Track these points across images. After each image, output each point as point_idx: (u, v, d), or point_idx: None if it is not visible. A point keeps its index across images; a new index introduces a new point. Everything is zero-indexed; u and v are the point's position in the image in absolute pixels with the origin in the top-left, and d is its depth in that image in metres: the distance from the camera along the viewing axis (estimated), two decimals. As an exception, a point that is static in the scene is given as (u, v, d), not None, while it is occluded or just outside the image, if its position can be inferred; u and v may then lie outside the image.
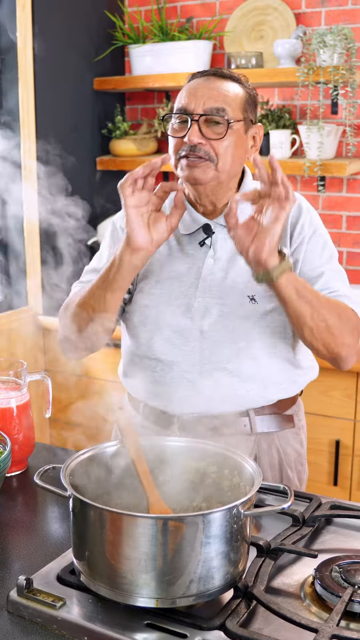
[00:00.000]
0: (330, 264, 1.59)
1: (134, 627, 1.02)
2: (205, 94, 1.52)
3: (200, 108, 1.51)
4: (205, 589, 1.03)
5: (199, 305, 1.58)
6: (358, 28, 2.87)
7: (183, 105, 1.53)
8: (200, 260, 1.61)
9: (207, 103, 1.51)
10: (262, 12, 3.05)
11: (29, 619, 1.07)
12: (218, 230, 1.61)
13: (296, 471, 1.70)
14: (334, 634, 0.97)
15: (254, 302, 1.56)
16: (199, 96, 1.52)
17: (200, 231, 1.62)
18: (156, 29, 3.14)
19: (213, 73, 1.56)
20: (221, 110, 1.51)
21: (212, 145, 1.51)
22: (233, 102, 1.53)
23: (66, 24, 3.06)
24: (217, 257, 1.60)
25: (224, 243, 1.60)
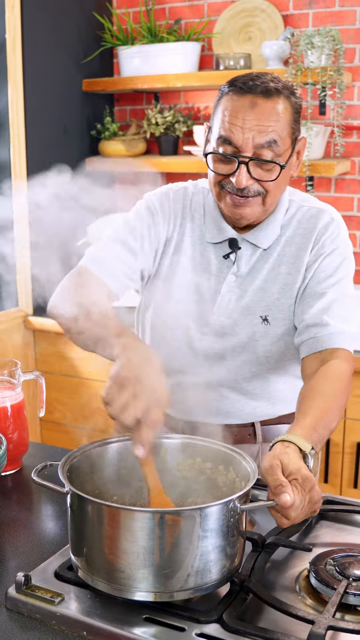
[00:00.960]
0: (339, 286, 1.50)
1: (132, 621, 1.03)
2: (254, 126, 1.39)
3: (249, 146, 1.40)
4: (202, 583, 1.04)
5: (214, 322, 1.55)
6: (345, 30, 2.90)
7: (227, 135, 1.41)
8: (222, 275, 1.56)
9: (256, 138, 1.40)
10: (250, 14, 3.07)
11: (27, 615, 1.08)
12: (245, 246, 1.55)
13: None
14: (330, 625, 0.98)
15: (266, 323, 1.54)
16: (247, 129, 1.39)
17: (226, 243, 1.56)
18: (145, 30, 3.15)
19: (261, 92, 1.39)
20: (272, 142, 1.40)
21: (262, 183, 1.43)
22: (283, 129, 1.42)
23: (55, 25, 3.07)
24: (239, 274, 1.55)
25: (248, 260, 1.55)
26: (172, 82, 3.05)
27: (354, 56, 2.91)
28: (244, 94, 1.41)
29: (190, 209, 1.60)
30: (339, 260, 1.52)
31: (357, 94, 2.95)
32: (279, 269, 1.55)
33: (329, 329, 1.46)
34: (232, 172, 1.44)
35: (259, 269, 1.56)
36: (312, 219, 1.54)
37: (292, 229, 1.55)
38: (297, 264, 1.53)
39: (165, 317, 1.59)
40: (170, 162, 3.16)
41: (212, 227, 1.57)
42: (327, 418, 1.31)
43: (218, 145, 1.45)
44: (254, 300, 1.55)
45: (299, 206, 1.57)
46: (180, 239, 1.59)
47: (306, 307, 1.50)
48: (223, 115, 1.43)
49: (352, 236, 3.03)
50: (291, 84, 1.48)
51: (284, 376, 1.59)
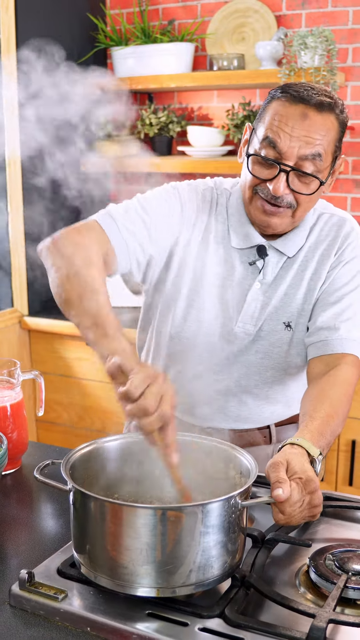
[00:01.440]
0: (354, 294, 1.52)
1: (135, 616, 1.04)
2: (302, 137, 1.38)
3: (293, 155, 1.38)
4: (205, 578, 1.05)
5: (239, 330, 1.54)
6: (338, 30, 2.92)
7: (273, 138, 1.40)
8: (247, 282, 1.54)
9: (302, 149, 1.38)
10: (243, 15, 3.08)
11: (31, 611, 1.09)
12: (272, 253, 1.54)
13: None
14: (331, 619, 1.00)
15: (289, 329, 1.54)
16: (295, 138, 1.38)
17: (253, 250, 1.54)
18: (138, 31, 3.17)
19: (315, 105, 1.38)
20: (317, 156, 1.39)
21: (296, 195, 1.42)
22: (328, 146, 1.40)
23: (49, 26, 3.07)
24: (265, 282, 1.54)
25: (274, 268, 1.54)
26: (166, 82, 3.06)
27: (347, 56, 2.93)
28: (297, 103, 1.39)
29: (216, 211, 1.57)
30: (357, 269, 1.54)
31: (350, 94, 2.97)
32: (302, 275, 1.55)
33: (340, 334, 1.47)
34: (270, 177, 1.42)
35: (283, 275, 1.55)
36: (334, 227, 1.55)
37: (314, 237, 1.55)
38: (320, 270, 1.54)
39: (188, 325, 1.57)
40: (164, 162, 3.17)
41: (239, 232, 1.54)
42: (334, 423, 1.33)
43: (261, 147, 1.43)
44: (277, 307, 1.54)
45: (320, 214, 1.57)
46: (205, 242, 1.55)
47: (320, 310, 1.52)
48: (272, 119, 1.41)
49: (346, 235, 3.05)
50: (342, 101, 1.45)
51: (301, 380, 1.60)
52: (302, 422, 1.32)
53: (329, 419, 1.32)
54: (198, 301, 1.55)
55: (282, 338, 1.55)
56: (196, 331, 1.56)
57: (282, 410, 1.62)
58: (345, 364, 1.45)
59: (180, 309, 1.57)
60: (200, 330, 1.56)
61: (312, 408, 1.34)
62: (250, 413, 1.60)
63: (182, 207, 1.54)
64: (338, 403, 1.37)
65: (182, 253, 1.55)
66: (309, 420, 1.31)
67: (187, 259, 1.55)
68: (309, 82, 1.45)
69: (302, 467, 1.16)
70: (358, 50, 2.92)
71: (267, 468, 1.16)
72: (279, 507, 1.12)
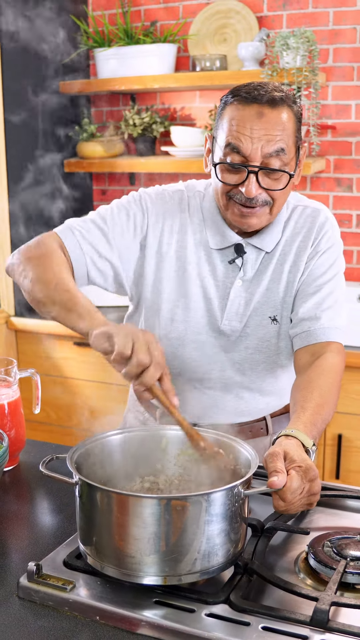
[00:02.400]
0: (332, 282, 1.56)
1: (143, 604, 1.07)
2: (262, 136, 1.40)
3: (257, 155, 1.41)
4: (210, 565, 1.09)
5: (224, 327, 1.58)
6: (319, 31, 2.96)
7: (235, 144, 1.42)
8: (229, 280, 1.58)
9: (265, 148, 1.41)
10: (224, 16, 3.12)
11: (40, 602, 1.11)
12: (250, 250, 1.57)
13: None
14: (333, 601, 1.04)
15: (275, 322, 1.58)
16: (256, 139, 1.40)
17: (231, 249, 1.57)
18: (121, 32, 3.19)
19: (267, 102, 1.41)
20: (281, 151, 1.42)
21: (269, 193, 1.45)
22: (289, 138, 1.43)
23: (32, 28, 3.08)
24: (246, 279, 1.57)
25: (253, 264, 1.57)
26: (149, 83, 3.09)
27: (328, 57, 2.98)
28: (250, 104, 1.42)
29: (189, 213, 1.59)
30: (334, 258, 1.58)
31: (330, 94, 3.02)
32: (281, 269, 1.58)
33: (322, 323, 1.51)
34: (241, 181, 1.44)
35: (263, 270, 1.58)
36: (309, 218, 1.59)
37: (290, 229, 1.59)
38: (298, 262, 1.57)
39: (175, 326, 1.60)
40: (147, 163, 3.20)
41: (215, 233, 1.57)
42: (324, 412, 1.37)
43: (225, 154, 1.45)
44: (261, 302, 1.58)
45: (294, 206, 1.61)
46: (182, 245, 1.58)
47: (301, 301, 1.55)
48: (230, 125, 1.43)
49: (329, 233, 3.10)
50: (292, 93, 1.49)
51: (290, 371, 1.64)
52: (294, 413, 1.36)
53: (319, 408, 1.36)
54: (183, 302, 1.59)
55: (270, 332, 1.58)
56: (184, 331, 1.59)
57: (275, 401, 1.67)
58: (330, 352, 1.49)
59: (166, 311, 1.60)
60: (188, 330, 1.59)
61: (303, 398, 1.38)
62: (247, 406, 1.64)
63: (145, 213, 1.58)
64: (327, 392, 1.41)
65: (155, 258, 1.58)
66: (300, 410, 1.35)
67: (164, 262, 1.59)
68: (258, 81, 1.48)
69: (300, 456, 1.20)
70: (339, 50, 2.97)
71: (265, 457, 1.19)
72: (280, 495, 1.15)
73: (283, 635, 1.00)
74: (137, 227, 1.57)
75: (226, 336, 1.59)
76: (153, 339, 1.22)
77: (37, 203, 3.22)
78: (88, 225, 1.54)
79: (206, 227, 1.58)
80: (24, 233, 3.16)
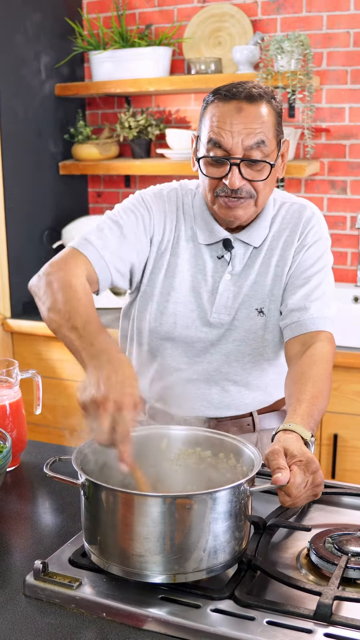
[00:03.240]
0: (320, 274, 1.60)
1: (149, 601, 1.09)
2: (242, 129, 1.46)
3: (239, 148, 1.47)
4: (217, 563, 1.11)
5: (214, 320, 1.62)
6: (313, 34, 2.99)
7: (217, 139, 1.48)
8: (217, 274, 1.63)
9: (245, 140, 1.47)
10: (219, 19, 3.14)
11: (46, 600, 1.13)
12: (237, 245, 1.62)
13: None
14: (336, 595, 1.06)
15: (262, 314, 1.62)
16: (236, 132, 1.46)
17: (219, 244, 1.62)
18: (116, 35, 3.21)
19: (244, 97, 1.47)
20: (261, 143, 1.47)
21: (253, 184, 1.51)
22: (269, 131, 1.49)
23: (26, 30, 3.10)
24: (234, 273, 1.62)
25: (241, 259, 1.62)
26: (144, 86, 3.10)
27: (322, 60, 3.01)
28: (229, 100, 1.48)
29: (183, 210, 1.66)
30: (321, 251, 1.62)
31: (325, 97, 3.04)
32: (269, 262, 1.63)
33: (311, 313, 1.56)
34: (224, 174, 1.50)
35: (251, 264, 1.63)
36: (296, 214, 1.64)
37: (277, 225, 1.64)
38: (285, 256, 1.62)
39: (165, 319, 1.64)
40: (143, 165, 3.22)
41: (204, 229, 1.63)
42: (320, 402, 1.40)
43: (208, 150, 1.52)
44: (249, 295, 1.62)
45: (282, 203, 1.67)
46: (176, 241, 1.65)
47: (290, 294, 1.60)
48: (211, 122, 1.50)
49: (323, 234, 3.13)
50: (271, 89, 1.55)
51: (277, 366, 1.67)
52: (290, 406, 1.39)
53: (314, 399, 1.39)
54: (173, 295, 1.64)
55: (256, 324, 1.62)
56: (173, 324, 1.64)
57: (262, 396, 1.68)
58: (320, 341, 1.53)
59: (157, 304, 1.65)
60: (178, 323, 1.64)
61: (297, 390, 1.41)
62: (232, 399, 1.66)
63: (150, 212, 1.63)
64: (320, 382, 1.44)
65: (155, 253, 1.65)
66: (296, 403, 1.38)
67: (160, 258, 1.65)
68: (238, 81, 1.54)
69: (300, 450, 1.22)
70: (332, 54, 3.00)
71: (266, 456, 1.22)
72: (286, 491, 1.17)
73: (287, 629, 1.02)
74: (146, 226, 1.63)
75: (215, 329, 1.63)
76: (132, 403, 1.16)
77: (32, 205, 3.23)
78: (105, 234, 1.58)
79: (196, 224, 1.64)
80: (20, 235, 3.18)
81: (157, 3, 3.28)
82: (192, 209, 1.66)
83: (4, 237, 3.13)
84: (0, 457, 1.37)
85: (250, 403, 1.68)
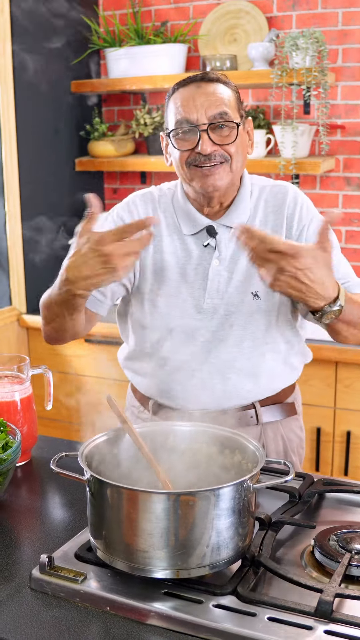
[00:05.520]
0: (334, 250, 1.56)
1: (152, 596, 1.10)
2: (204, 101, 1.54)
3: (204, 117, 1.53)
4: (220, 559, 1.12)
5: (207, 306, 1.64)
6: (328, 31, 2.98)
7: (183, 116, 1.55)
8: (206, 261, 1.65)
9: (209, 110, 1.53)
10: (234, 16, 3.14)
11: (52, 594, 1.15)
12: (221, 231, 1.65)
13: (298, 455, 1.80)
14: (337, 593, 1.06)
15: (257, 298, 1.63)
16: (199, 105, 1.54)
17: (203, 232, 1.65)
18: (132, 32, 3.22)
19: (201, 78, 1.57)
20: (224, 114, 1.54)
21: (224, 148, 1.55)
22: (230, 104, 1.56)
23: (43, 28, 3.12)
24: (222, 258, 1.64)
25: (228, 243, 1.65)
26: (160, 83, 3.11)
27: (337, 57, 3.00)
28: (188, 84, 1.58)
29: (160, 208, 1.69)
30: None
31: (340, 94, 3.03)
32: None
33: (352, 283, 1.61)
34: (195, 144, 1.54)
35: (240, 249, 1.63)
36: (279, 195, 1.66)
37: (262, 210, 1.66)
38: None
39: (160, 314, 1.66)
40: (158, 162, 3.22)
41: (186, 220, 1.66)
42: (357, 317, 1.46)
43: (177, 128, 1.57)
44: (242, 279, 1.63)
45: (261, 187, 1.69)
46: (158, 239, 1.67)
47: None
48: (176, 106, 1.57)
49: (338, 232, 3.12)
50: (226, 79, 1.63)
51: (277, 352, 1.68)
52: None
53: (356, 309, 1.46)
54: (164, 289, 1.66)
55: (252, 307, 1.63)
56: (169, 317, 1.66)
57: (264, 384, 1.68)
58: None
59: (149, 300, 1.67)
60: (172, 314, 1.65)
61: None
62: (234, 388, 1.66)
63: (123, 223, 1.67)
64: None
65: (141, 256, 1.67)
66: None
67: (146, 258, 1.68)
68: None
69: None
70: (348, 50, 2.98)
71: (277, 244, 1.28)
72: None
73: (288, 626, 1.03)
74: None
75: (210, 315, 1.64)
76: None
77: (48, 201, 3.26)
78: None
79: (178, 217, 1.67)
80: (36, 232, 3.20)
81: (172, 0, 3.28)
82: (172, 204, 1.69)
83: (19, 233, 3.15)
84: (10, 452, 1.39)
85: (252, 390, 1.67)
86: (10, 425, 1.50)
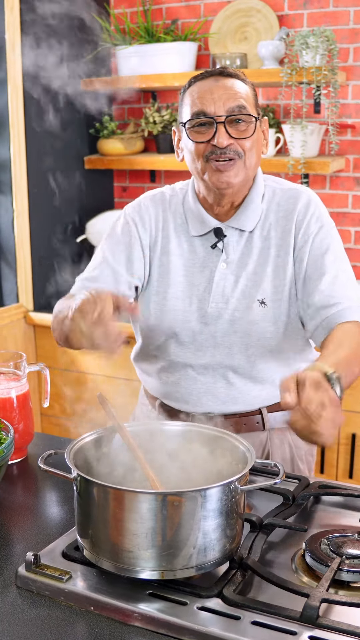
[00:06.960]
0: (335, 262, 1.56)
1: (137, 597, 1.09)
2: (222, 94, 1.51)
3: (222, 110, 1.51)
4: (206, 560, 1.10)
5: (212, 310, 1.61)
6: (339, 30, 2.95)
7: (200, 108, 1.52)
8: (212, 264, 1.62)
9: (227, 103, 1.51)
10: (245, 14, 3.12)
11: (37, 592, 1.14)
12: (230, 233, 1.61)
13: (306, 462, 1.76)
14: (324, 598, 1.04)
15: (264, 305, 1.59)
16: (217, 98, 1.51)
17: (211, 234, 1.62)
18: (142, 30, 3.20)
19: (219, 73, 1.55)
20: (242, 107, 1.51)
21: (239, 143, 1.52)
22: (248, 99, 1.54)
23: (53, 25, 3.11)
24: (229, 261, 1.61)
25: (235, 246, 1.61)
26: (170, 81, 3.10)
27: (348, 56, 2.97)
28: (206, 78, 1.55)
29: (170, 209, 1.66)
30: (329, 237, 1.58)
31: (351, 93, 3.00)
32: (268, 252, 1.60)
33: (337, 307, 1.52)
34: (211, 136, 1.51)
35: (248, 253, 1.61)
36: (291, 199, 1.61)
37: (273, 212, 1.62)
38: (284, 245, 1.59)
39: (165, 316, 1.64)
40: (167, 160, 3.21)
41: (195, 221, 1.63)
42: (351, 365, 1.35)
43: (193, 120, 1.53)
44: (249, 285, 1.60)
45: (274, 189, 1.64)
46: (166, 240, 1.65)
47: (310, 289, 1.55)
48: (192, 98, 1.55)
49: (347, 232, 3.09)
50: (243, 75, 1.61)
51: (282, 359, 1.65)
52: (319, 358, 1.38)
53: (345, 359, 1.35)
54: (170, 292, 1.64)
55: (258, 315, 1.60)
56: (174, 319, 1.63)
57: (269, 391, 1.65)
58: (349, 323, 1.50)
59: (155, 303, 1.65)
60: (177, 317, 1.63)
61: (328, 350, 1.40)
62: (239, 393, 1.64)
63: (137, 228, 1.66)
64: (352, 350, 1.40)
65: (150, 254, 1.66)
66: (326, 354, 1.36)
67: (153, 258, 1.66)
68: None
69: (311, 374, 1.18)
70: (359, 50, 2.95)
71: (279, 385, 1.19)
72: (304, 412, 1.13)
73: (272, 630, 1.01)
74: (135, 247, 1.65)
75: (215, 320, 1.61)
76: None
77: (57, 199, 3.25)
78: (101, 270, 1.64)
79: (187, 218, 1.65)
80: (44, 229, 3.20)
81: (184, -2, 3.27)
82: (182, 205, 1.66)
83: (28, 231, 3.15)
84: (2, 449, 1.38)
85: (258, 396, 1.65)
86: (4, 421, 1.49)
